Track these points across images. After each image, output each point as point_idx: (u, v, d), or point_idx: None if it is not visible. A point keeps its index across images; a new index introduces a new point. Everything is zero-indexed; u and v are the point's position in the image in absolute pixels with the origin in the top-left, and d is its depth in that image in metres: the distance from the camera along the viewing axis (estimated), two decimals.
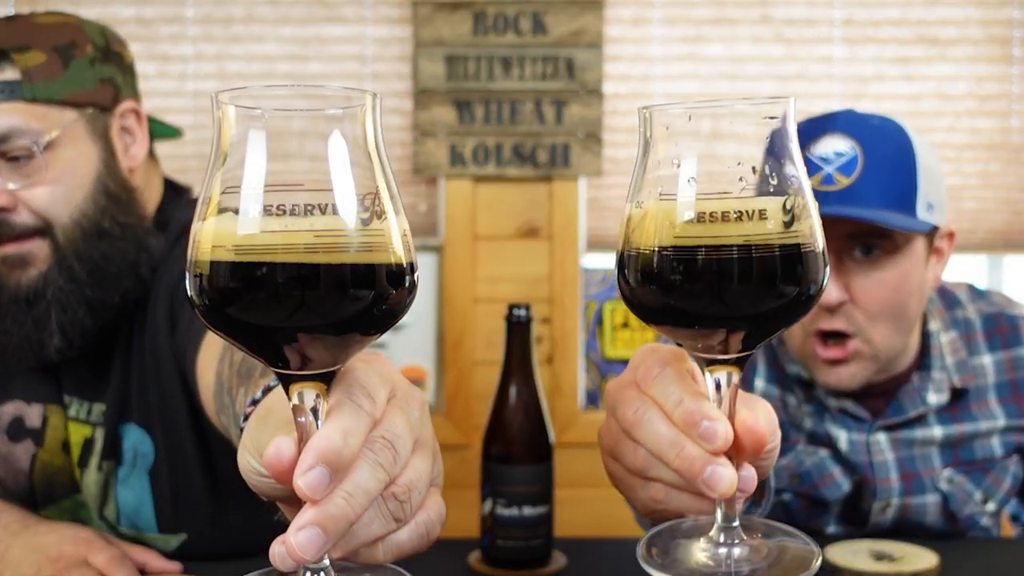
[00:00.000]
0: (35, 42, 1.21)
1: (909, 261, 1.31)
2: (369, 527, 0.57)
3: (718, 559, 0.64)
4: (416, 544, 0.60)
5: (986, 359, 1.42)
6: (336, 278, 0.52)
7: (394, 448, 0.57)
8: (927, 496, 1.38)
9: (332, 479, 0.54)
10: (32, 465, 1.30)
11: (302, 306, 0.52)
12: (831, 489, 1.38)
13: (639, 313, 0.63)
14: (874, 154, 1.28)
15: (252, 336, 0.55)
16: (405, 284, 0.55)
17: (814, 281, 0.61)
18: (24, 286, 1.21)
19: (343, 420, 0.55)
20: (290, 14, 2.72)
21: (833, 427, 1.38)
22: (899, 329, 1.34)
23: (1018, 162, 2.74)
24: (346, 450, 0.54)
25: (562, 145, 2.67)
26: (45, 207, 1.20)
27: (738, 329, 0.61)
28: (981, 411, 1.40)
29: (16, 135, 1.17)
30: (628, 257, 0.62)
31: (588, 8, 2.66)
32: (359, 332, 0.55)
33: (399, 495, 0.58)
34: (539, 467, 1.25)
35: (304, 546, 0.53)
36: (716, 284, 0.58)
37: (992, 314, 1.44)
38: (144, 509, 1.29)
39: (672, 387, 0.65)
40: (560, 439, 1.34)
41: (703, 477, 0.63)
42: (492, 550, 1.25)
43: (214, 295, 0.53)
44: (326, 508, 0.54)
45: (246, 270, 0.52)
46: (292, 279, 0.52)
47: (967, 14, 2.72)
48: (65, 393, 1.31)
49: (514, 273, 2.71)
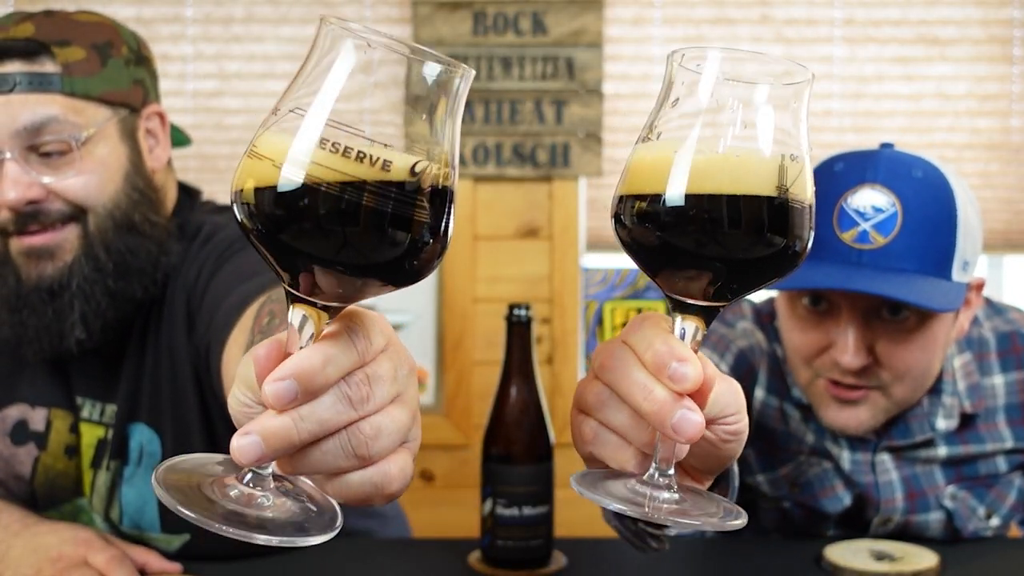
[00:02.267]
0: (75, 38, 1.22)
1: (939, 323, 1.25)
2: (325, 456, 0.57)
3: (643, 495, 0.64)
4: (367, 492, 0.58)
5: (997, 379, 1.37)
6: (375, 221, 0.54)
7: (371, 388, 0.57)
8: (931, 513, 1.36)
9: (299, 397, 0.55)
10: (34, 469, 1.30)
11: (334, 238, 0.54)
12: (832, 501, 1.36)
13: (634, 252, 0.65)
14: (914, 214, 1.21)
15: (278, 250, 0.56)
16: (435, 247, 0.57)
17: (799, 237, 0.62)
18: (47, 277, 1.21)
19: (331, 349, 0.56)
20: (290, 14, 2.72)
21: (834, 447, 1.36)
22: (921, 385, 1.29)
23: (1018, 162, 2.74)
24: (320, 376, 0.55)
25: (562, 145, 2.67)
26: (81, 195, 1.21)
27: (716, 273, 0.63)
28: (989, 432, 1.36)
29: (53, 126, 1.18)
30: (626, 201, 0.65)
31: (588, 8, 2.66)
32: (379, 279, 0.56)
33: (366, 432, 0.57)
34: (539, 467, 1.25)
35: (243, 450, 0.55)
36: (706, 229, 0.60)
37: (1008, 333, 1.39)
38: (148, 508, 1.29)
39: (648, 331, 0.65)
40: (560, 439, 1.33)
41: (672, 421, 0.62)
42: (492, 550, 1.25)
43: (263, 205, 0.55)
44: (272, 423, 0.55)
45: (293, 192, 0.54)
46: (335, 210, 0.53)
47: (967, 14, 2.72)
48: (77, 395, 1.31)
49: (514, 273, 2.71)
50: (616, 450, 0.66)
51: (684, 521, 0.63)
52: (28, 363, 1.32)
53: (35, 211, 1.19)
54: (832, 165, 1.28)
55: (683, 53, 0.63)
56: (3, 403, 1.31)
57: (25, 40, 1.19)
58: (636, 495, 0.65)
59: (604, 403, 0.66)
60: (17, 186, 1.16)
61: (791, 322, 1.30)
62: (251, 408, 0.60)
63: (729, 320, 1.45)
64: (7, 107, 1.17)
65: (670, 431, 0.62)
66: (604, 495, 0.64)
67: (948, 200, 1.23)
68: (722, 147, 0.61)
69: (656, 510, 0.63)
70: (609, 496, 0.64)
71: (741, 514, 0.65)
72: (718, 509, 0.66)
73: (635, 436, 0.65)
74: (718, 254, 0.61)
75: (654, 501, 0.64)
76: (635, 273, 2.82)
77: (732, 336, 1.43)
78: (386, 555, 1.32)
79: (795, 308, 1.28)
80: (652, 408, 0.62)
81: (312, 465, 0.57)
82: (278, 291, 0.98)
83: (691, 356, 0.63)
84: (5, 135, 1.16)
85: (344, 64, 0.56)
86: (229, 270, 1.21)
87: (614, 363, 0.65)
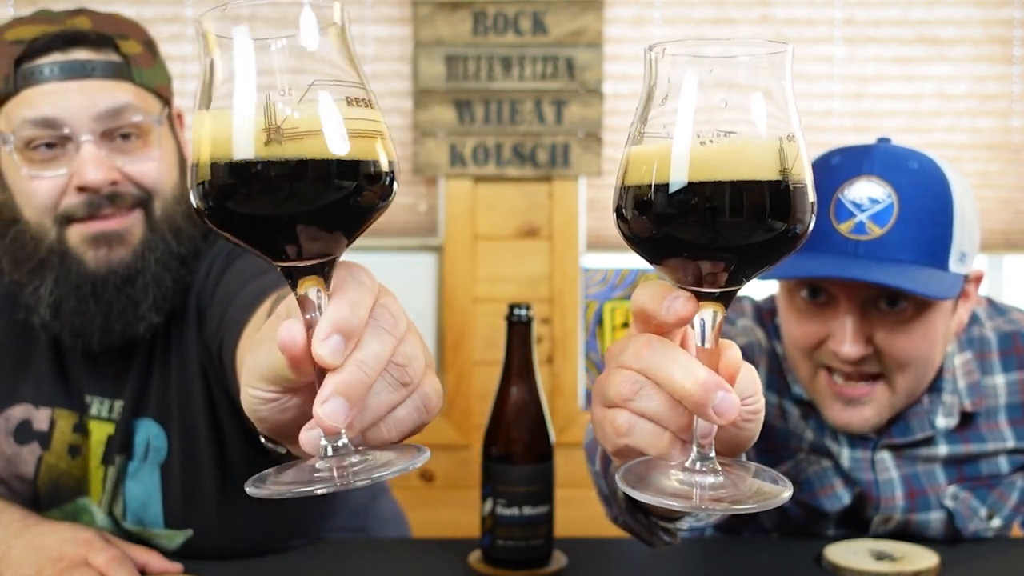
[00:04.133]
0: (130, 33, 1.26)
1: (937, 314, 1.26)
2: (379, 396, 0.60)
3: (691, 484, 0.65)
4: (417, 418, 0.62)
5: (999, 379, 1.38)
6: (317, 171, 0.57)
7: (393, 315, 0.61)
8: (931, 513, 1.36)
9: (348, 345, 0.58)
10: (37, 468, 1.31)
11: (287, 193, 0.57)
12: (831, 500, 1.36)
13: (635, 244, 0.66)
14: (910, 204, 1.21)
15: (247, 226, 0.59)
16: (379, 176, 0.60)
17: (800, 220, 0.63)
18: (120, 262, 1.22)
19: (349, 294, 0.59)
20: (289, 14, 2.71)
21: (834, 444, 1.35)
22: (923, 377, 1.29)
23: (1018, 162, 2.74)
24: (356, 319, 0.58)
25: (562, 145, 2.67)
26: (153, 179, 1.24)
27: (726, 261, 0.63)
28: (990, 432, 1.36)
29: (129, 112, 1.21)
30: (625, 190, 0.65)
31: (588, 8, 2.66)
32: (341, 220, 0.59)
33: (401, 361, 0.61)
34: (539, 467, 1.25)
35: (332, 414, 0.57)
36: (710, 217, 0.61)
37: (1010, 333, 1.40)
38: (152, 504, 1.29)
39: (657, 290, 0.66)
40: (560, 439, 1.34)
41: (715, 402, 0.63)
42: (492, 550, 1.25)
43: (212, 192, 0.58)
44: (343, 376, 0.57)
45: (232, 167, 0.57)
46: (274, 169, 0.56)
47: (967, 14, 2.72)
48: (87, 393, 1.31)
49: (514, 273, 2.71)
50: (653, 437, 0.67)
51: (737, 509, 0.64)
52: (32, 362, 1.32)
53: (112, 194, 1.20)
54: (829, 159, 1.29)
55: (662, 47, 0.64)
56: (7, 403, 1.32)
57: (94, 32, 1.22)
58: (684, 487, 0.65)
59: (638, 392, 0.66)
60: (100, 168, 1.18)
61: (790, 315, 1.30)
62: (273, 401, 0.63)
63: (729, 317, 1.45)
64: (86, 92, 1.19)
65: (711, 413, 0.63)
66: (655, 493, 0.64)
67: (944, 192, 1.24)
68: (716, 135, 0.62)
69: (707, 501, 0.64)
70: (660, 494, 0.64)
71: (787, 484, 0.66)
72: (763, 485, 0.66)
73: (672, 421, 0.66)
74: (729, 243, 0.62)
75: (703, 491, 0.65)
76: (635, 273, 2.82)
77: (732, 333, 1.43)
78: (386, 555, 1.32)
79: (794, 301, 1.29)
80: (696, 390, 0.63)
81: (373, 411, 0.60)
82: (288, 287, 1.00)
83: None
84: (85, 118, 1.19)
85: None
86: (239, 268, 1.23)
87: (648, 351, 0.66)
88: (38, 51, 1.20)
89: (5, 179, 1.25)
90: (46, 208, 1.21)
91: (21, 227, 1.23)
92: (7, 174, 1.24)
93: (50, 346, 1.31)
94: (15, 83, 1.20)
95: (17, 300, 1.28)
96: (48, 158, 1.20)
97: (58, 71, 1.19)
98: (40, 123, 1.18)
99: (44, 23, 1.22)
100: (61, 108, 1.18)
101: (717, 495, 0.64)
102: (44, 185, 1.20)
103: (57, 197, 1.20)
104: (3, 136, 1.21)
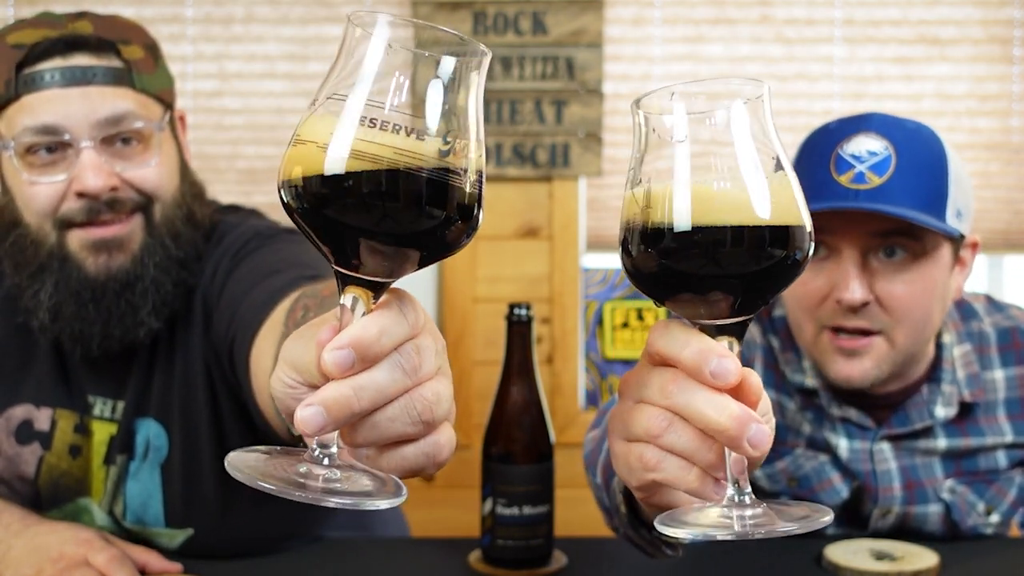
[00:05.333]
0: (133, 37, 1.26)
1: (935, 266, 1.28)
2: (392, 423, 0.59)
3: (733, 516, 0.65)
4: (421, 462, 0.61)
5: (998, 374, 1.39)
6: (411, 193, 0.58)
7: (421, 358, 0.60)
8: (929, 506, 1.36)
9: (357, 366, 0.57)
10: (38, 468, 1.31)
11: (378, 211, 0.58)
12: (829, 495, 1.36)
13: (643, 285, 0.67)
14: (907, 155, 1.26)
15: (328, 228, 0.59)
16: (470, 219, 0.61)
17: (799, 248, 0.65)
18: (119, 268, 1.23)
19: (384, 320, 0.59)
20: (290, 14, 2.72)
21: (832, 435, 1.36)
22: (922, 334, 1.31)
23: (1018, 162, 2.74)
24: (376, 345, 0.58)
25: (562, 145, 2.67)
26: (153, 185, 1.24)
27: (734, 294, 0.65)
28: (989, 425, 1.37)
29: (129, 119, 1.22)
30: (631, 234, 0.66)
31: (588, 8, 2.66)
32: (419, 249, 0.60)
33: (428, 397, 0.60)
34: (539, 467, 1.25)
35: (306, 420, 0.57)
36: (712, 255, 0.63)
37: (1009, 328, 1.41)
38: (152, 503, 1.29)
39: (677, 333, 0.66)
40: (560, 439, 1.34)
41: (749, 435, 0.63)
42: (492, 550, 1.25)
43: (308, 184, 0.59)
44: (332, 392, 0.57)
45: (340, 170, 0.58)
46: (381, 185, 0.58)
47: (967, 14, 2.72)
48: (89, 393, 1.31)
49: (514, 273, 2.71)
50: (682, 472, 0.66)
51: (783, 530, 0.64)
52: (34, 363, 1.32)
53: (112, 199, 1.21)
54: (827, 125, 1.35)
55: (649, 99, 0.66)
56: (8, 403, 1.32)
57: (96, 36, 1.22)
58: (727, 519, 0.65)
59: (667, 428, 0.66)
60: (100, 174, 1.19)
61: None
62: (295, 389, 0.63)
63: None
64: (86, 98, 1.20)
65: (746, 446, 0.63)
66: (697, 529, 0.64)
67: (939, 150, 1.29)
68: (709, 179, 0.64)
69: (750, 528, 0.64)
70: (707, 528, 0.64)
71: (826, 511, 0.66)
72: (802, 510, 0.67)
73: (701, 456, 0.66)
74: (736, 275, 0.64)
75: (745, 521, 0.65)
76: None
77: None
78: (386, 555, 1.32)
79: None
80: (731, 424, 0.63)
81: (377, 432, 0.59)
82: (312, 287, 1.01)
83: (729, 352, 0.65)
84: (85, 125, 1.19)
85: (373, 61, 0.60)
86: (247, 268, 1.23)
87: (674, 387, 0.65)
88: (39, 56, 1.20)
89: (6, 183, 1.25)
90: (45, 213, 1.21)
91: (22, 231, 1.23)
92: (8, 178, 1.24)
93: (52, 347, 1.31)
94: (16, 88, 1.20)
95: (19, 302, 1.28)
96: (48, 163, 1.20)
97: (59, 77, 1.19)
98: (41, 130, 1.19)
99: (46, 27, 1.22)
100: (62, 115, 1.19)
101: (758, 521, 0.64)
102: (44, 190, 1.20)
103: (57, 202, 1.21)
104: (3, 141, 1.21)
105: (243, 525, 1.30)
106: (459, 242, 0.61)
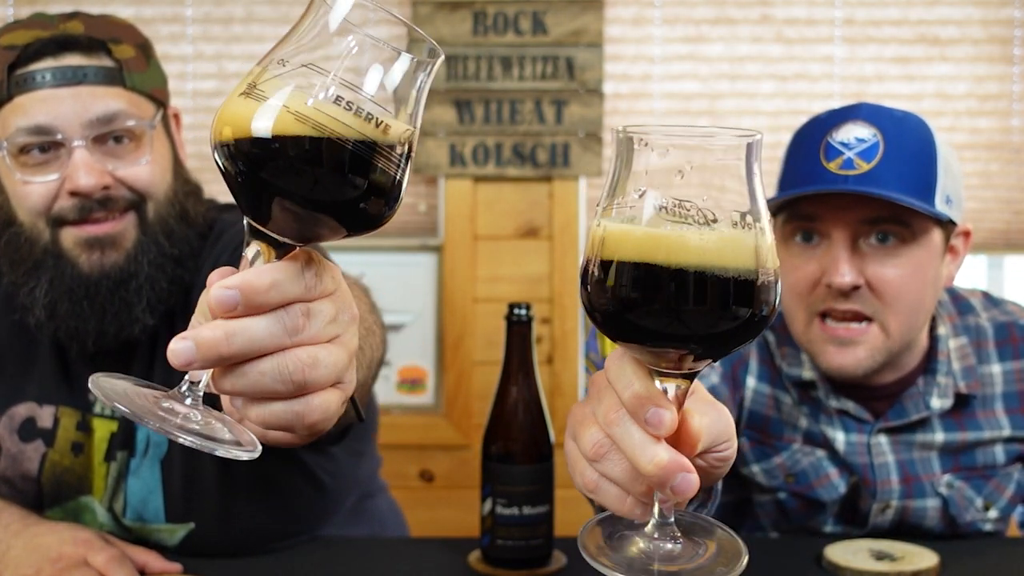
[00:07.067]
0: (123, 37, 1.27)
1: (925, 252, 1.29)
2: (262, 377, 0.60)
3: (650, 553, 0.67)
4: (288, 419, 0.61)
5: (996, 368, 1.40)
6: (330, 160, 0.59)
7: (308, 321, 0.60)
8: (927, 500, 1.37)
9: (240, 310, 0.58)
10: (41, 465, 1.31)
11: (307, 177, 0.59)
12: (827, 490, 1.37)
13: (600, 323, 0.66)
14: (895, 142, 1.27)
15: (252, 183, 0.60)
16: (389, 197, 0.63)
17: (766, 303, 0.63)
18: (113, 266, 1.24)
19: (279, 274, 0.60)
20: (290, 14, 2.72)
21: (829, 429, 1.37)
22: (915, 320, 1.31)
23: (1018, 162, 2.74)
24: (263, 295, 0.59)
25: (562, 145, 2.67)
26: (145, 183, 1.25)
27: (689, 348, 0.64)
28: (987, 419, 1.38)
29: (121, 118, 1.22)
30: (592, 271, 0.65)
31: (588, 8, 2.66)
32: (327, 215, 0.60)
33: (302, 358, 0.60)
34: (539, 467, 1.25)
35: (176, 352, 0.59)
36: (672, 305, 0.61)
37: (1006, 323, 1.42)
38: (153, 498, 1.30)
39: (626, 368, 0.67)
40: (560, 439, 1.34)
41: (673, 484, 0.65)
42: (492, 550, 1.25)
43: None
44: (206, 332, 0.59)
45: (289, 133, 0.60)
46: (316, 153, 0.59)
47: (967, 14, 2.72)
48: (90, 391, 1.32)
49: (514, 273, 2.71)
50: (616, 500, 0.70)
51: None
52: (36, 362, 1.33)
53: (104, 198, 1.22)
54: (818, 115, 1.36)
55: (634, 130, 0.65)
56: (11, 401, 1.32)
57: (87, 36, 1.23)
58: (643, 557, 0.67)
59: (605, 455, 0.69)
60: (92, 173, 1.20)
61: (786, 263, 1.33)
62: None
63: None
64: (78, 98, 1.21)
65: (669, 492, 0.65)
66: (613, 565, 0.66)
67: (927, 137, 1.30)
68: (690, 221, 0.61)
69: (665, 573, 0.66)
70: (618, 566, 0.66)
71: (743, 553, 0.70)
72: (722, 542, 0.69)
73: (634, 488, 0.69)
74: (696, 332, 0.62)
75: (661, 561, 0.67)
76: None
77: None
78: (386, 555, 1.32)
79: (789, 248, 1.33)
80: (656, 472, 0.65)
81: (245, 381, 0.60)
82: None
83: (667, 403, 0.65)
84: (77, 124, 1.20)
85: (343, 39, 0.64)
86: None
87: (616, 417, 0.67)
88: (31, 57, 1.21)
89: (1, 182, 1.26)
90: (39, 211, 1.22)
91: (16, 229, 1.24)
92: (2, 178, 1.25)
93: (53, 345, 1.31)
94: (8, 89, 1.21)
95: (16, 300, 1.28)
96: (41, 163, 1.21)
97: (50, 77, 1.20)
98: (33, 130, 1.20)
99: (38, 28, 1.23)
100: (53, 115, 1.20)
101: (676, 565, 0.66)
102: (37, 189, 1.21)
103: (49, 201, 1.22)
104: None
105: (243, 521, 1.30)
106: (375, 219, 0.62)
